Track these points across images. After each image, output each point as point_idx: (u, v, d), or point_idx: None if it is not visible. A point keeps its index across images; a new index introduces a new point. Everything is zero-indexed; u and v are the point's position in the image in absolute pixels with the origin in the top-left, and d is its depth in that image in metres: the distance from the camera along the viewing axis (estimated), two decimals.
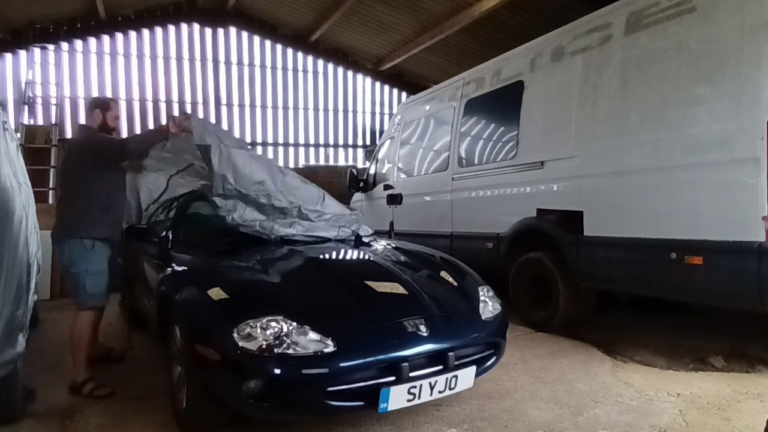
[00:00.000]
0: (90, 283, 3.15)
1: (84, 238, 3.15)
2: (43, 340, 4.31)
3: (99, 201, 3.22)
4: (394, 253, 3.40)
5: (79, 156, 3.27)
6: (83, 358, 3.16)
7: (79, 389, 3.07)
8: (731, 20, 3.06)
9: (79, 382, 3.09)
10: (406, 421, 2.62)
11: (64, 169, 3.43)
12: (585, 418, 2.65)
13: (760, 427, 2.16)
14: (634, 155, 3.58)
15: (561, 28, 4.45)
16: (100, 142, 3.33)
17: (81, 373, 3.13)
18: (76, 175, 3.26)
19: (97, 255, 3.19)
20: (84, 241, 3.15)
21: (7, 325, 2.30)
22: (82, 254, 3.14)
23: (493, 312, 2.78)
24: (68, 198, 3.30)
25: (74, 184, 3.26)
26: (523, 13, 7.98)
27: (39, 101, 9.01)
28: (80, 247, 3.14)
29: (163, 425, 2.63)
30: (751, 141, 2.91)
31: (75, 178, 3.26)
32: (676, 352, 3.64)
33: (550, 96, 4.35)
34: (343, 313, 2.50)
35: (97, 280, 3.18)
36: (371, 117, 12.44)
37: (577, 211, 3.97)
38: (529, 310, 4.54)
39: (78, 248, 3.14)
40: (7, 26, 8.64)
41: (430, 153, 6.17)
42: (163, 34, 10.30)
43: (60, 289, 6.72)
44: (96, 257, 3.18)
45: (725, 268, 3.08)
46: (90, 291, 3.16)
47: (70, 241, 3.15)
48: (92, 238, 3.17)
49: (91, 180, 3.21)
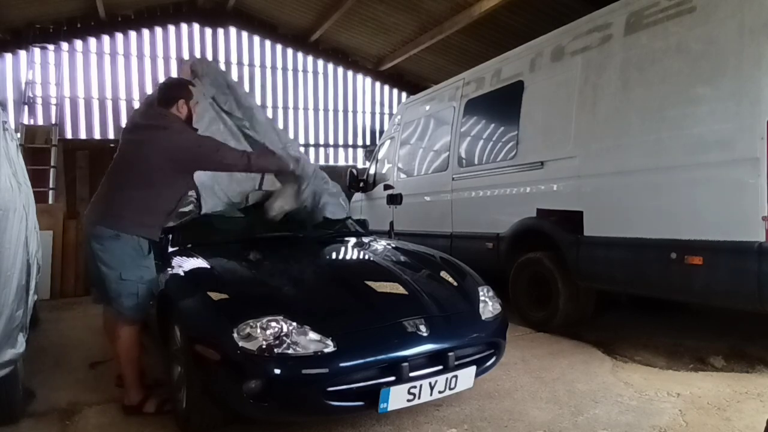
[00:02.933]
0: (143, 293, 2.71)
1: (142, 237, 2.72)
2: (43, 340, 4.31)
3: (169, 205, 2.86)
4: (394, 253, 3.40)
5: (173, 155, 2.74)
6: (136, 375, 2.79)
7: (140, 409, 2.74)
8: (731, 20, 3.06)
9: (137, 403, 2.75)
10: (406, 421, 2.62)
11: (136, 159, 2.77)
12: (585, 418, 2.65)
13: (760, 427, 2.16)
14: (634, 155, 3.58)
15: (561, 28, 4.45)
16: (212, 149, 2.87)
17: (136, 392, 2.77)
18: (157, 173, 2.74)
19: (152, 261, 2.82)
20: (140, 241, 2.71)
21: (7, 325, 2.30)
22: (137, 258, 2.70)
23: (493, 312, 2.77)
24: (133, 191, 2.73)
25: (151, 180, 2.74)
26: (523, 13, 7.98)
27: (39, 101, 9.02)
28: (135, 248, 2.69)
29: (163, 425, 2.63)
30: (751, 141, 2.91)
31: (154, 175, 2.73)
32: (676, 352, 3.64)
33: (550, 96, 4.35)
34: (343, 313, 2.50)
35: (148, 291, 2.75)
36: (371, 117, 12.45)
37: (577, 211, 3.97)
38: (529, 310, 4.53)
39: (132, 249, 2.68)
40: (7, 26, 8.65)
41: (430, 153, 6.17)
42: (163, 34, 10.30)
43: (60, 289, 6.72)
44: (151, 264, 2.81)
45: (725, 268, 3.08)
46: (142, 303, 2.72)
47: (123, 237, 2.65)
48: (148, 240, 2.76)
49: (175, 183, 2.83)
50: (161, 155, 2.72)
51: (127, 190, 2.74)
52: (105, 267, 2.66)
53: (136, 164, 2.76)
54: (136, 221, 2.69)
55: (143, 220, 2.72)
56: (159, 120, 2.86)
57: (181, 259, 3.03)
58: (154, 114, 2.92)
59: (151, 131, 2.80)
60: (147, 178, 2.73)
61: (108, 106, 9.72)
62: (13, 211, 2.51)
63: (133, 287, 2.67)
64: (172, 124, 2.84)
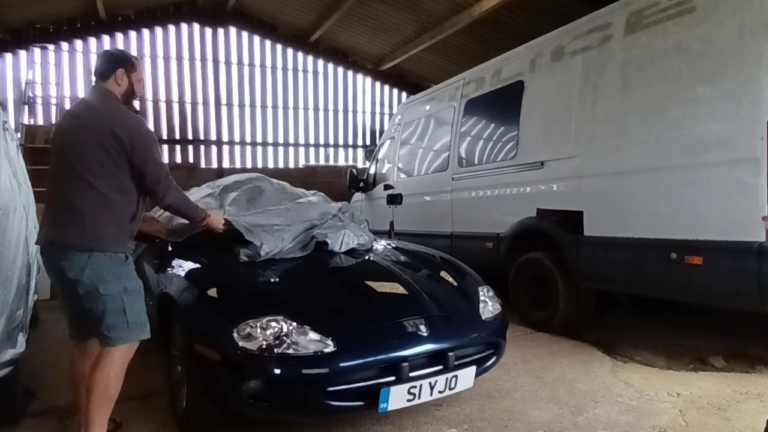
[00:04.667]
0: (130, 304, 2.24)
1: (117, 252, 2.27)
2: (43, 340, 4.31)
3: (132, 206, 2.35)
4: (394, 253, 3.40)
5: (115, 137, 2.21)
6: (108, 412, 2.26)
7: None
8: (731, 20, 3.06)
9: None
10: (406, 421, 2.62)
11: (82, 150, 2.23)
12: (585, 418, 2.65)
13: (760, 427, 2.16)
14: (634, 155, 3.58)
15: (561, 28, 4.45)
16: (147, 133, 2.37)
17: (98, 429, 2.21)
18: (110, 162, 2.23)
19: (132, 269, 2.35)
20: (117, 255, 2.26)
21: (7, 325, 2.31)
22: (114, 268, 2.23)
23: (493, 312, 2.78)
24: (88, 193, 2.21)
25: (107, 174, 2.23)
26: (523, 13, 7.98)
27: (39, 101, 9.01)
28: (111, 261, 2.23)
29: (163, 425, 2.63)
30: (751, 141, 2.91)
31: (108, 166, 2.23)
32: (676, 352, 3.64)
33: (550, 96, 4.35)
34: (343, 313, 2.50)
35: (138, 302, 2.30)
36: (371, 117, 12.44)
37: (577, 211, 3.97)
38: (529, 310, 4.53)
39: (108, 263, 2.22)
40: (7, 26, 8.64)
41: (430, 153, 6.17)
42: (163, 34, 10.30)
43: None
44: (132, 271, 2.34)
45: (725, 268, 3.08)
46: (131, 318, 2.23)
47: (94, 255, 2.18)
48: (125, 253, 2.32)
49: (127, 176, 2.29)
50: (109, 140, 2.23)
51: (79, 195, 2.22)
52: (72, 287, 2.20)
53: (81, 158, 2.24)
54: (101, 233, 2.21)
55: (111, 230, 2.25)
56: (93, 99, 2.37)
57: (180, 260, 3.03)
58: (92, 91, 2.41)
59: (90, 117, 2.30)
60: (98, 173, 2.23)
61: None
62: (14, 211, 2.51)
63: (116, 302, 2.20)
64: (110, 104, 2.33)
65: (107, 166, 2.24)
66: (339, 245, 3.17)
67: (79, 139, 2.26)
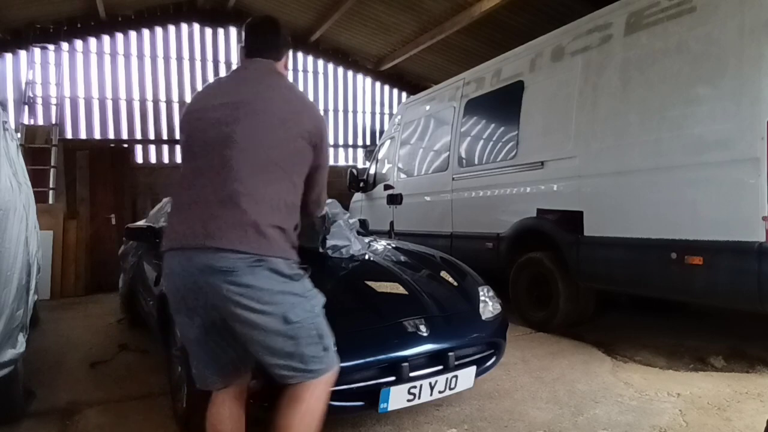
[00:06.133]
0: (327, 329, 1.78)
1: (293, 261, 1.76)
2: (43, 340, 4.31)
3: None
4: (394, 253, 3.40)
5: (297, 128, 1.74)
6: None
7: None
8: (731, 20, 3.06)
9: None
10: (406, 421, 2.62)
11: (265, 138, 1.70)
12: (585, 418, 2.65)
13: (760, 427, 2.16)
14: (634, 155, 3.58)
15: (561, 28, 4.45)
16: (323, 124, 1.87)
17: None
18: (291, 157, 1.75)
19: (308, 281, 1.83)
20: (294, 265, 1.76)
21: (7, 325, 2.31)
22: (299, 286, 1.74)
23: (493, 312, 2.78)
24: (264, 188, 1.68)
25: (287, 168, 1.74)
26: (523, 13, 7.97)
27: (39, 101, 9.00)
28: (292, 273, 1.72)
29: (163, 425, 2.63)
30: (751, 141, 2.91)
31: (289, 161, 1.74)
32: (676, 352, 3.64)
33: (550, 96, 4.35)
34: (342, 313, 2.49)
35: (326, 324, 1.80)
36: (371, 117, 12.43)
37: (577, 211, 3.97)
38: (529, 310, 4.54)
39: (290, 276, 1.71)
40: (7, 26, 8.63)
41: (430, 153, 6.17)
42: (163, 34, 10.29)
43: (60, 289, 6.72)
44: (309, 284, 1.82)
45: (725, 268, 3.08)
46: (328, 342, 1.78)
47: (274, 262, 1.65)
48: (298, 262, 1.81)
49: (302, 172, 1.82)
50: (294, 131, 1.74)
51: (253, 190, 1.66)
52: (254, 314, 1.61)
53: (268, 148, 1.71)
54: (282, 238, 1.71)
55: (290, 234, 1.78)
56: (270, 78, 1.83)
57: None
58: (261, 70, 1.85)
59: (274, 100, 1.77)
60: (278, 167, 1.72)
61: (108, 106, 9.69)
62: (14, 211, 2.51)
63: (315, 328, 1.72)
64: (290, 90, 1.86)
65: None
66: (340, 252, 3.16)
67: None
